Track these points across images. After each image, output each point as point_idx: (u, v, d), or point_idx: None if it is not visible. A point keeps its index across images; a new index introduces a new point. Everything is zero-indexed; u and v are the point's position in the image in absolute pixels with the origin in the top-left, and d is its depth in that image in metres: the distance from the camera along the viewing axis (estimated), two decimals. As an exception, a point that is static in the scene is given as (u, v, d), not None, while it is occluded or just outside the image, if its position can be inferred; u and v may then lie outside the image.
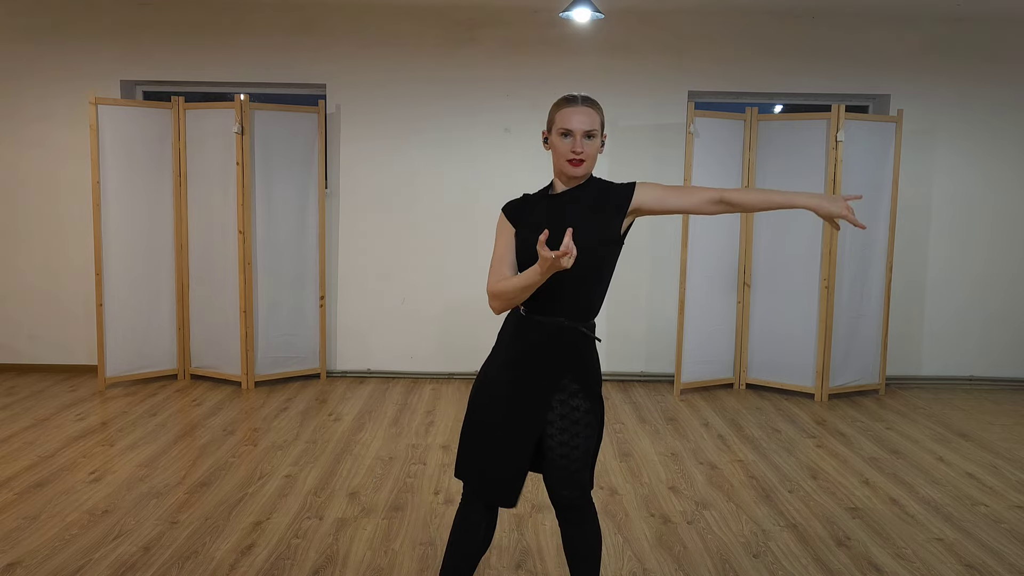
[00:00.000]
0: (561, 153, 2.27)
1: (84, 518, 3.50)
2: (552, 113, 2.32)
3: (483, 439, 2.35)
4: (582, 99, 2.29)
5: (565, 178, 2.33)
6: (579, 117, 2.25)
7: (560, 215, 2.29)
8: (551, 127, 2.32)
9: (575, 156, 2.25)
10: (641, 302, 6.15)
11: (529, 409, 2.33)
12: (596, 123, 2.28)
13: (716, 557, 3.23)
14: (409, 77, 5.98)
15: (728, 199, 2.29)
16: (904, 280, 6.07)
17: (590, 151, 2.27)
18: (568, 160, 2.27)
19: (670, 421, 5.12)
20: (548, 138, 2.33)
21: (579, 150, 2.25)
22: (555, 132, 2.29)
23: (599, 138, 2.29)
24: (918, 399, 5.77)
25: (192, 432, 4.72)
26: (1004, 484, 4.10)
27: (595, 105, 2.31)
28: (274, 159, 5.70)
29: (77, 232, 5.99)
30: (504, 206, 2.39)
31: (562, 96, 2.33)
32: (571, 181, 2.33)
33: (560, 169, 2.31)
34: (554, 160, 2.33)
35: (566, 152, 2.26)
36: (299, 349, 5.95)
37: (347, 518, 3.55)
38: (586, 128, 2.25)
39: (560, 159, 2.29)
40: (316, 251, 5.95)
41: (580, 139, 2.25)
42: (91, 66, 5.93)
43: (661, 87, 6.02)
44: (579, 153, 2.25)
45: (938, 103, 6.04)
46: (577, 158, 2.26)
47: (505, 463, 2.34)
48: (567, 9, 5.04)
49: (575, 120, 2.25)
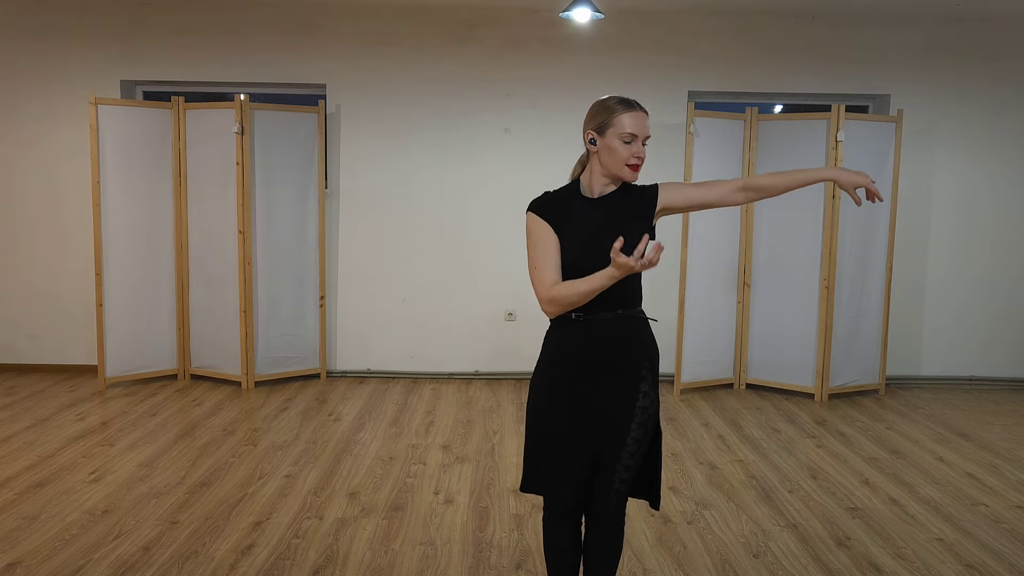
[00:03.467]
0: (622, 157, 2.26)
1: (84, 518, 3.50)
2: (605, 115, 2.27)
3: (567, 451, 2.31)
4: (639, 105, 2.29)
5: (614, 180, 2.32)
6: (644, 123, 2.27)
7: (606, 218, 2.30)
8: (603, 129, 2.27)
9: (637, 161, 2.27)
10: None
11: (621, 402, 2.30)
12: (648, 129, 2.31)
13: (716, 557, 3.23)
14: (409, 77, 5.98)
15: (752, 185, 2.37)
16: (904, 280, 6.07)
17: (643, 156, 2.29)
18: (628, 164, 2.27)
19: (670, 421, 5.12)
20: (596, 139, 2.29)
21: (642, 155, 2.27)
22: (613, 135, 2.26)
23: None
24: (918, 399, 5.77)
25: (192, 432, 4.72)
26: (1004, 484, 4.10)
27: (645, 110, 2.32)
28: (274, 159, 5.70)
29: (77, 232, 5.99)
30: (531, 205, 2.33)
31: (611, 98, 2.29)
32: (613, 184, 2.33)
33: (615, 173, 2.29)
34: (607, 162, 2.29)
35: (627, 157, 2.26)
36: (299, 349, 5.95)
37: (347, 518, 3.55)
38: (645, 134, 2.28)
39: (619, 163, 2.27)
40: (316, 251, 5.95)
41: (638, 145, 2.27)
42: (91, 66, 5.93)
43: (661, 87, 6.02)
44: (641, 159, 2.27)
45: (938, 103, 6.04)
46: (638, 163, 2.27)
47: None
48: (567, 9, 5.03)
49: (641, 126, 2.26)
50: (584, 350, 2.31)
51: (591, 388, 2.31)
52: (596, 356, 2.31)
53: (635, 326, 2.34)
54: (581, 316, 2.29)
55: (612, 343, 2.31)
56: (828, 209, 5.51)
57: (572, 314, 2.30)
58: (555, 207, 2.32)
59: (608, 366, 2.31)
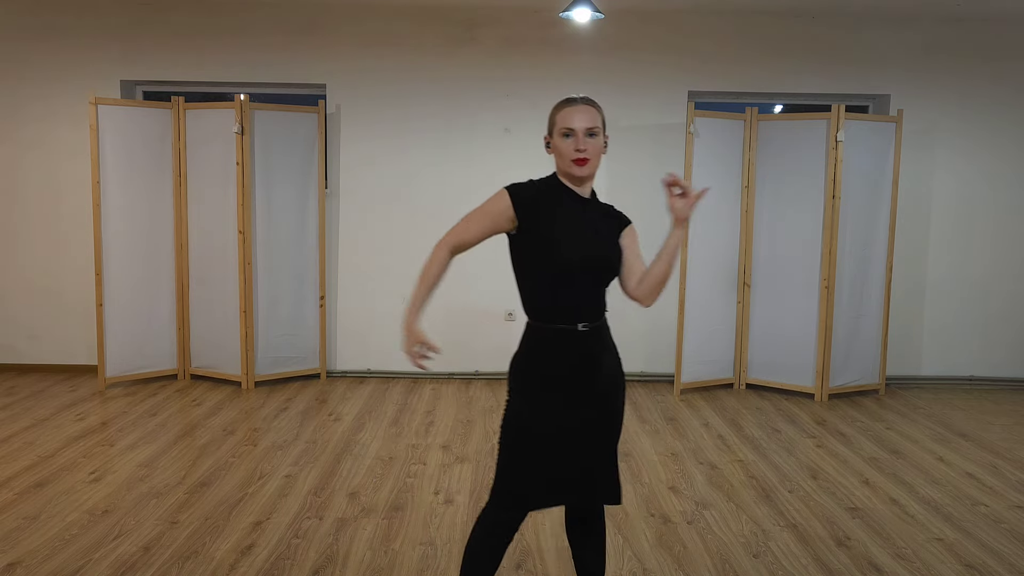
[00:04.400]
0: (565, 154, 2.24)
1: (84, 518, 3.50)
2: (552, 115, 2.30)
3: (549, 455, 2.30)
4: (582, 99, 2.27)
5: (571, 179, 2.30)
6: (580, 115, 2.23)
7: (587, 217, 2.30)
8: (552, 130, 2.29)
9: (579, 155, 2.22)
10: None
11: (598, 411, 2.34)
12: (598, 121, 2.25)
13: (716, 557, 3.23)
14: (409, 77, 5.98)
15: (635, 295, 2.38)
16: (904, 280, 6.07)
17: (593, 149, 2.24)
18: (573, 160, 2.23)
19: (670, 421, 5.12)
20: (550, 142, 2.30)
21: (583, 147, 2.22)
22: (557, 134, 2.26)
23: (601, 137, 2.26)
24: (918, 399, 5.77)
25: (192, 432, 4.72)
26: (1004, 484, 4.10)
27: (595, 104, 2.29)
28: (274, 159, 5.70)
29: (77, 232, 5.99)
30: (511, 187, 2.29)
31: (561, 99, 2.31)
32: (577, 182, 2.30)
33: (565, 170, 2.28)
34: (558, 163, 2.30)
35: (570, 152, 2.23)
36: (299, 349, 5.95)
37: (347, 518, 3.55)
38: (588, 125, 2.23)
39: (564, 160, 2.26)
40: (316, 251, 5.95)
41: (583, 137, 2.22)
42: (91, 66, 5.93)
43: (661, 87, 6.02)
44: (583, 151, 2.22)
45: (938, 103, 6.04)
46: (581, 156, 2.22)
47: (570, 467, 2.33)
48: (567, 9, 5.03)
49: (576, 119, 2.23)
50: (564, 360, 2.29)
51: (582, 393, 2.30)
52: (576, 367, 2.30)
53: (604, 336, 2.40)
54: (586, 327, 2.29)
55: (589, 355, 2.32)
56: (828, 209, 5.51)
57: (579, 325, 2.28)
58: (535, 199, 2.28)
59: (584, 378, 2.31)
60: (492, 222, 2.29)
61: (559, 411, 2.28)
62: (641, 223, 6.56)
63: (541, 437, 2.28)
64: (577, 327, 2.28)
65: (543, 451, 2.28)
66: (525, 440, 2.29)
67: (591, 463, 2.34)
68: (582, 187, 2.32)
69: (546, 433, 2.28)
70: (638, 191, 6.09)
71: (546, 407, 2.28)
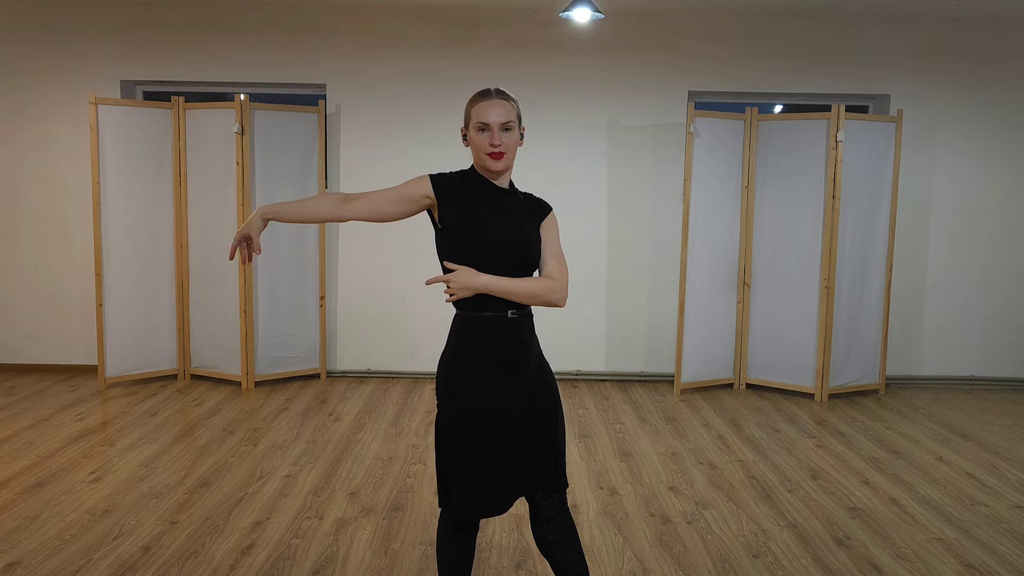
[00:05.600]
0: (481, 148, 2.27)
1: (84, 518, 3.50)
2: (468, 109, 2.31)
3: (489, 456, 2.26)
4: (496, 92, 2.28)
5: (487, 173, 2.32)
6: (495, 110, 2.25)
7: (507, 208, 2.29)
8: (467, 123, 2.32)
9: (494, 149, 2.25)
10: (641, 302, 6.15)
11: (534, 402, 2.30)
12: (512, 115, 2.27)
13: (716, 557, 3.23)
14: (409, 77, 5.98)
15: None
16: (904, 280, 6.07)
17: (509, 143, 2.27)
18: (488, 154, 2.26)
19: (670, 421, 5.12)
20: (466, 135, 2.33)
21: (497, 143, 2.24)
22: (472, 128, 2.29)
23: (517, 131, 2.28)
24: (918, 399, 5.77)
25: (192, 432, 4.72)
26: (1004, 484, 4.10)
27: (510, 98, 2.29)
28: (274, 159, 5.70)
29: (77, 232, 5.99)
30: (433, 175, 2.34)
31: (476, 92, 2.32)
32: (492, 175, 2.32)
33: (481, 164, 2.31)
34: (474, 155, 2.32)
35: (485, 146, 2.26)
36: (299, 349, 5.95)
37: (347, 518, 3.55)
38: (502, 120, 2.25)
39: (480, 154, 2.28)
40: (316, 251, 5.95)
41: (497, 132, 2.24)
42: (91, 66, 5.93)
43: (661, 87, 6.02)
44: (497, 146, 2.24)
45: (938, 103, 6.04)
46: (496, 151, 2.25)
47: (507, 472, 2.27)
48: (567, 9, 5.03)
49: (492, 113, 2.24)
50: (498, 350, 2.28)
51: (516, 383, 2.28)
52: (509, 356, 2.29)
53: (527, 324, 2.37)
54: (515, 313, 2.30)
55: (519, 343, 2.30)
56: (828, 209, 5.51)
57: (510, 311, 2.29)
58: (455, 189, 2.31)
59: (517, 365, 2.29)
60: (403, 203, 2.33)
61: (495, 405, 2.25)
62: (641, 222, 6.53)
63: (479, 436, 2.24)
64: (507, 313, 2.29)
65: (481, 452, 2.24)
66: (463, 443, 2.25)
67: (532, 457, 2.28)
68: (499, 179, 2.34)
69: (483, 431, 2.24)
70: (638, 191, 6.10)
71: (481, 402, 2.25)
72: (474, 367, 2.27)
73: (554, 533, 2.31)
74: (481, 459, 2.24)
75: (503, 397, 2.25)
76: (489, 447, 2.24)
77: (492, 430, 2.24)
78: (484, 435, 2.24)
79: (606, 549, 3.28)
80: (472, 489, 2.26)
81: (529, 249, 2.29)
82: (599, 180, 6.06)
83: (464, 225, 2.27)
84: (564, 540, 2.32)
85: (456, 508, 2.28)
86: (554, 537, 2.31)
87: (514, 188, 2.39)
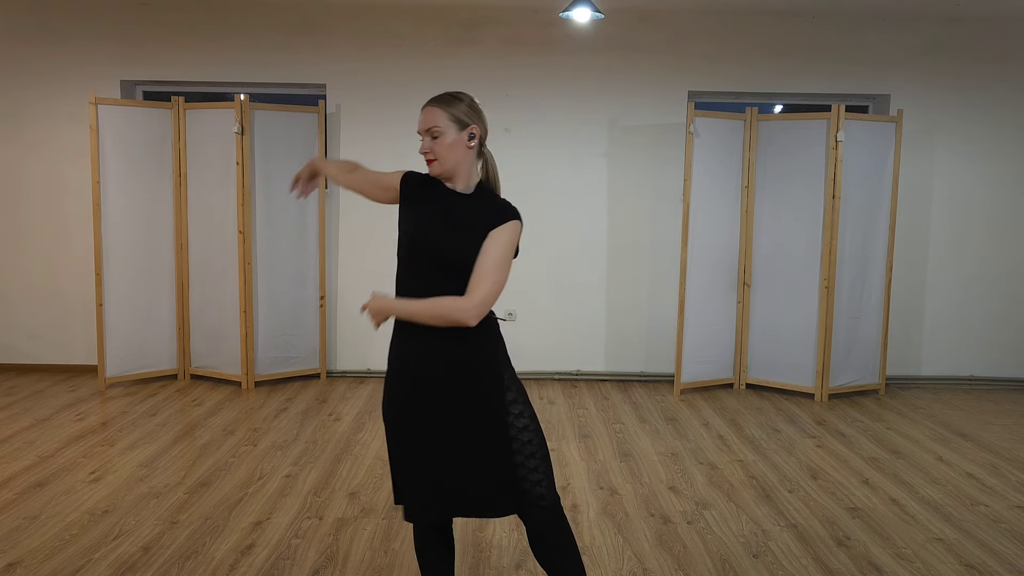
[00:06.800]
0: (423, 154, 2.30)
1: (84, 518, 3.50)
2: None
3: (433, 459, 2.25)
4: (432, 99, 2.30)
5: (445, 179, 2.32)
6: (421, 118, 2.29)
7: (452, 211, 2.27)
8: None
9: (424, 156, 2.29)
10: (641, 302, 6.15)
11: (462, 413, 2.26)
12: (439, 120, 2.25)
13: (716, 557, 3.23)
14: (409, 77, 5.98)
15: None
16: (904, 280, 6.07)
17: (439, 150, 2.26)
18: (425, 160, 2.30)
19: (670, 421, 5.12)
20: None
21: (424, 150, 2.28)
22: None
23: (449, 135, 2.24)
24: (918, 399, 5.77)
25: (192, 432, 4.72)
26: (1004, 484, 4.10)
27: (441, 101, 2.27)
28: (274, 159, 5.70)
29: (77, 232, 5.99)
30: (409, 172, 2.40)
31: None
32: (443, 179, 2.32)
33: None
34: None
35: (423, 153, 2.29)
36: (299, 349, 5.95)
37: (347, 518, 3.55)
38: (427, 127, 2.27)
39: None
40: (316, 251, 5.95)
41: (426, 139, 2.28)
42: (91, 66, 5.93)
43: (661, 87, 6.02)
44: (425, 153, 2.28)
45: (938, 103, 6.04)
46: (426, 158, 2.29)
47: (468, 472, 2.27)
48: (567, 9, 5.03)
49: (420, 121, 2.29)
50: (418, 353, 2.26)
51: (439, 391, 2.25)
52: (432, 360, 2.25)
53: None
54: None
55: (441, 346, 2.25)
56: (828, 209, 5.51)
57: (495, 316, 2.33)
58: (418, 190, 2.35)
59: (452, 370, 2.26)
60: (380, 189, 2.46)
61: (419, 410, 2.24)
62: (641, 222, 6.54)
63: (409, 443, 2.26)
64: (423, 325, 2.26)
65: (414, 458, 2.26)
66: (397, 447, 2.30)
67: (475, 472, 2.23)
68: (454, 183, 2.32)
69: (412, 437, 2.25)
70: (638, 191, 6.10)
71: (406, 407, 2.26)
72: (395, 371, 2.31)
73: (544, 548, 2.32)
74: (403, 460, 2.30)
75: (415, 409, 2.25)
76: (412, 455, 2.27)
77: (414, 437, 2.26)
78: (404, 439, 2.29)
79: (606, 549, 3.28)
80: (408, 488, 2.30)
81: (454, 255, 2.20)
82: (599, 180, 6.06)
83: (402, 223, 2.32)
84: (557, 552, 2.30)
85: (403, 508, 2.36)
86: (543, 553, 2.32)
87: (480, 192, 2.32)
